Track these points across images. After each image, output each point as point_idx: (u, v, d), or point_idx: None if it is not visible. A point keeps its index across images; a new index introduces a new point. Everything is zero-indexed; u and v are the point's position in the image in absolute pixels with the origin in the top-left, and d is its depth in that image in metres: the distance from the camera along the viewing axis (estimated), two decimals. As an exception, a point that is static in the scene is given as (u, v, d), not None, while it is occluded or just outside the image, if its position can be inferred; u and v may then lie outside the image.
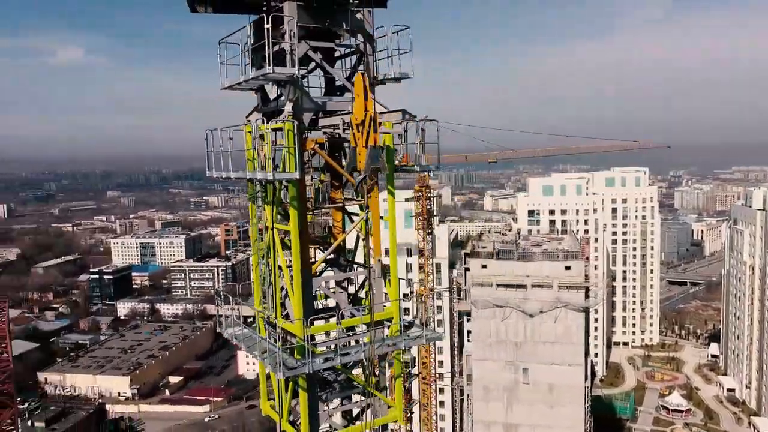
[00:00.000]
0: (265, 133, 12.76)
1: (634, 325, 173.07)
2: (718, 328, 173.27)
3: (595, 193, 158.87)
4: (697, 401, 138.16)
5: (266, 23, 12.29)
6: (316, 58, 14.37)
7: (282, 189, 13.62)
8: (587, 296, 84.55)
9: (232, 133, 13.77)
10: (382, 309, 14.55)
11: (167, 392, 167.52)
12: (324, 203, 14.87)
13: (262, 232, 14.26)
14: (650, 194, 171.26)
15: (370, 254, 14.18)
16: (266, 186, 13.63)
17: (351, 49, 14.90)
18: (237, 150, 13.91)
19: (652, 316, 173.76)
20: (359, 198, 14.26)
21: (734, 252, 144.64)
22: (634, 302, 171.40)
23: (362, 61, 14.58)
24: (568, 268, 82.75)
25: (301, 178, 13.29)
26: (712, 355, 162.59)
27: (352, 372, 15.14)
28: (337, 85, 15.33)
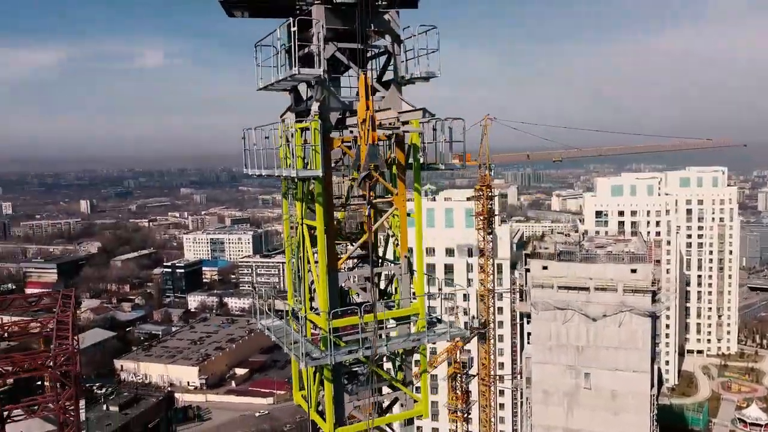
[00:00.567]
0: (295, 132, 13.24)
1: (709, 333, 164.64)
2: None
3: (668, 194, 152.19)
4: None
5: (292, 26, 12.75)
6: (344, 60, 14.75)
7: (310, 186, 14.06)
8: (654, 301, 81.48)
9: (268, 132, 14.34)
10: (408, 305, 14.75)
11: (233, 383, 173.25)
12: (354, 200, 15.19)
13: (294, 228, 14.76)
14: (729, 195, 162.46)
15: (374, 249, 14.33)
16: (297, 183, 14.11)
17: (380, 50, 15.18)
18: (269, 149, 14.46)
19: (729, 324, 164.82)
20: (364, 194, 14.35)
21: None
22: (710, 309, 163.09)
23: (390, 61, 14.84)
24: (633, 271, 79.93)
25: (327, 176, 13.69)
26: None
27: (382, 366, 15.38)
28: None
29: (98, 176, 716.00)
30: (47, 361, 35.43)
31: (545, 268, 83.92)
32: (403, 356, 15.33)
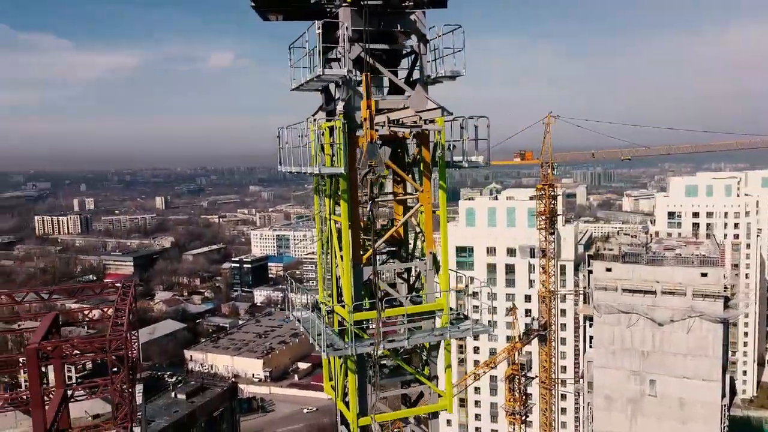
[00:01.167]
0: (324, 130, 13.73)
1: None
2: None
3: (749, 195, 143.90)
4: None
5: (317, 29, 13.25)
6: (370, 60, 15.11)
7: (337, 183, 14.51)
8: (727, 306, 77.60)
9: (301, 130, 14.92)
10: (433, 300, 14.97)
11: (296, 377, 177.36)
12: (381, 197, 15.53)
13: (324, 223, 15.26)
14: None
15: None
16: (325, 180, 14.61)
17: (407, 50, 15.47)
18: (301, 147, 15.01)
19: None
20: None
21: None
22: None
23: (417, 61, 15.10)
24: (704, 275, 76.44)
25: (351, 173, 14.10)
26: None
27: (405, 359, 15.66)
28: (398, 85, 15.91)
29: (172, 174, 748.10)
30: (104, 345, 38.27)
31: (609, 270, 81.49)
32: (429, 351, 15.60)
